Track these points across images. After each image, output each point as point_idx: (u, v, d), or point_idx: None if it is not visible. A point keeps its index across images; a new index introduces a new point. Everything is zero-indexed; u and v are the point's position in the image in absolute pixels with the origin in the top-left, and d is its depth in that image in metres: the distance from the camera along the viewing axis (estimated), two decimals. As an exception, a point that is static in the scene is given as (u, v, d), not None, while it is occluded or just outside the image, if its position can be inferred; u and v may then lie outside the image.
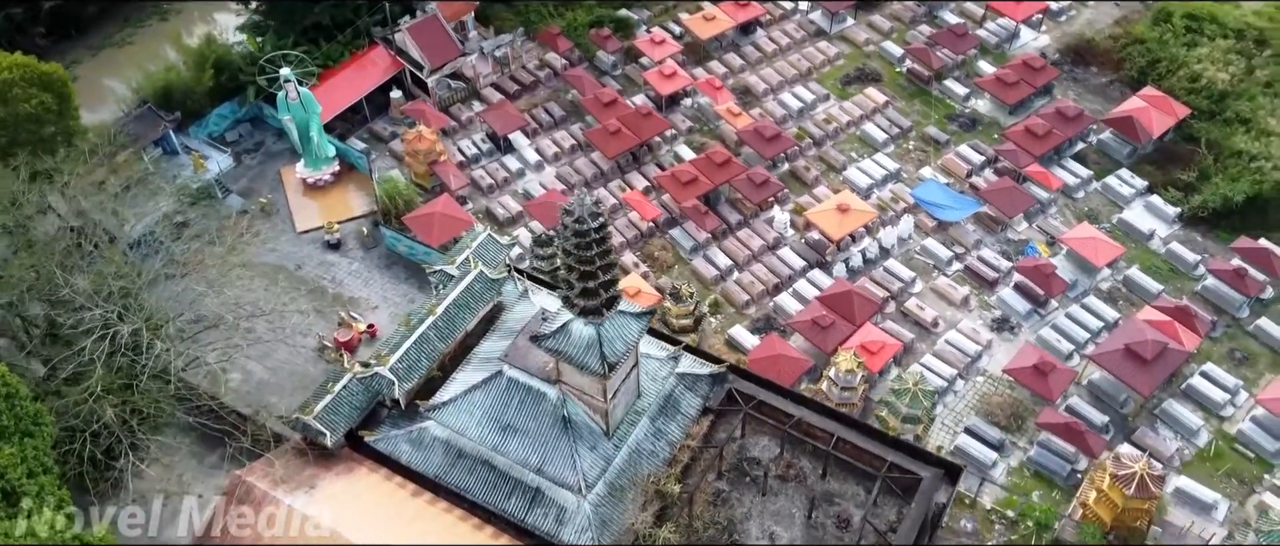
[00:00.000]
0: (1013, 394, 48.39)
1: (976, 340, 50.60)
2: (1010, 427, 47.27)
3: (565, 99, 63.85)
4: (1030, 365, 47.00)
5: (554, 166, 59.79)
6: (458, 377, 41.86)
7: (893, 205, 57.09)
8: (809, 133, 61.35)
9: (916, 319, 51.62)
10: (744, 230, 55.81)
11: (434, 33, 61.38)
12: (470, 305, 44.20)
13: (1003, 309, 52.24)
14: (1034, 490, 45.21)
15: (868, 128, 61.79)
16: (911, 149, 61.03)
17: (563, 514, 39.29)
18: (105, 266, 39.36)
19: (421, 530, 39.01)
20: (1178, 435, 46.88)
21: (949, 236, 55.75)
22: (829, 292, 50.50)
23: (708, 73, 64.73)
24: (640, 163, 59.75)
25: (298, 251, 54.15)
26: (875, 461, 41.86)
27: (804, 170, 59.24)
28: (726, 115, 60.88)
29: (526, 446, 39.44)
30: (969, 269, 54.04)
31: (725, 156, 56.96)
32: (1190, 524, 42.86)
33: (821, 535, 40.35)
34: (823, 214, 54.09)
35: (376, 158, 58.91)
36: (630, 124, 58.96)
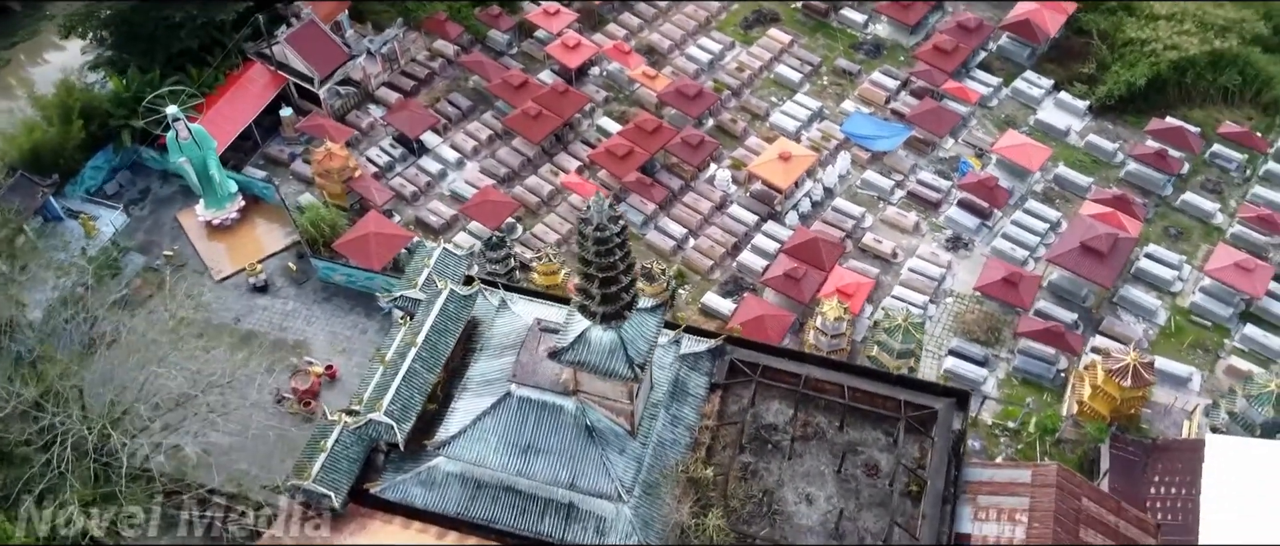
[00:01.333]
0: (983, 308, 50.34)
1: (938, 263, 52.25)
2: (989, 342, 49.25)
3: (467, 87, 61.22)
4: (999, 279, 48.93)
5: (476, 161, 57.37)
6: (459, 407, 39.92)
7: (825, 144, 57.83)
8: (725, 84, 61.13)
9: (876, 253, 52.74)
10: (689, 195, 55.35)
11: (317, 39, 57.32)
12: (448, 328, 41.95)
13: (953, 228, 54.06)
14: (1026, 397, 47.44)
15: (780, 70, 62.14)
16: (826, 85, 61.84)
17: (603, 524, 38.31)
18: (49, 367, 35.11)
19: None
20: (1139, 318, 50.09)
21: (885, 166, 57.04)
22: (793, 243, 50.84)
23: (609, 37, 63.42)
24: (566, 143, 58.11)
25: (225, 302, 50.05)
26: (887, 403, 42.74)
27: (731, 123, 59.11)
28: (642, 79, 59.84)
29: (553, 464, 38.08)
30: (912, 194, 55.55)
31: (655, 123, 56.07)
32: (1173, 400, 46.02)
33: (856, 486, 41.00)
34: (766, 165, 54.21)
35: (281, 184, 54.89)
36: (549, 104, 57.10)
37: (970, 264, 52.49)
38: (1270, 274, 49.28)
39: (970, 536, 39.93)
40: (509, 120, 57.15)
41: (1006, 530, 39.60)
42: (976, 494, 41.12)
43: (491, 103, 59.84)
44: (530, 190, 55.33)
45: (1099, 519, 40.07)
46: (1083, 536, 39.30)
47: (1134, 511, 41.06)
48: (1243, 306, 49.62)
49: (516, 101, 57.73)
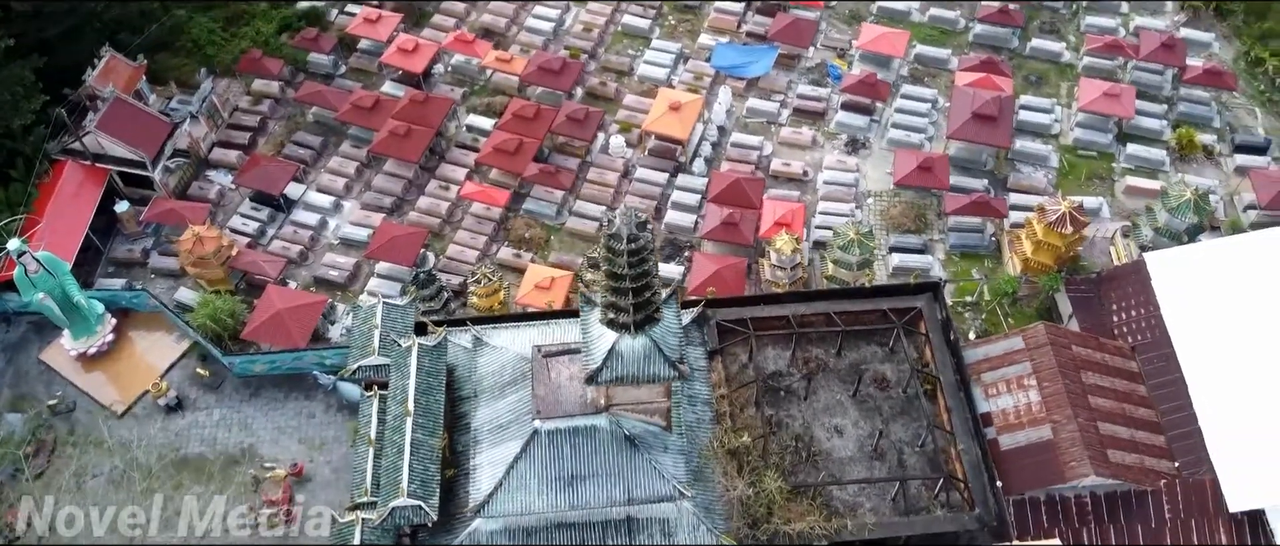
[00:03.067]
0: (903, 200, 52.68)
1: (847, 169, 54.00)
2: (920, 229, 51.73)
3: (308, 123, 56.43)
4: (914, 168, 51.24)
5: (353, 199, 53.29)
6: (480, 462, 37.74)
7: (699, 84, 57.86)
8: (579, 48, 59.62)
9: (789, 176, 53.82)
10: (591, 171, 54.02)
11: (132, 117, 50.89)
12: (433, 385, 39.29)
13: (846, 131, 55.89)
14: (970, 270, 50.43)
15: (626, 20, 61.27)
16: (676, 25, 61.65)
17: (667, 525, 37.68)
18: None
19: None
20: (1035, 167, 54.11)
21: (763, 90, 57.89)
22: (717, 190, 50.83)
23: (439, 31, 60.11)
24: (442, 153, 54.96)
25: (142, 436, 44.35)
26: (873, 316, 44.32)
27: (601, 88, 57.89)
28: (496, 65, 57.30)
29: (603, 485, 36.82)
30: (798, 111, 56.82)
31: (533, 108, 53.99)
32: (1093, 233, 50.26)
33: (874, 403, 42.43)
34: (660, 120, 53.63)
35: (148, 287, 48.81)
36: (414, 117, 53.64)
37: (875, 161, 54.66)
38: (1134, 94, 54.47)
39: (990, 414, 42.48)
40: (377, 146, 53.27)
41: (1021, 398, 42.38)
42: (979, 373, 43.63)
43: (344, 132, 55.53)
44: (427, 213, 52.15)
45: (1090, 360, 43.64)
46: (1084, 379, 42.74)
47: (1110, 342, 44.99)
48: (1117, 130, 54.66)
49: (374, 124, 53.88)
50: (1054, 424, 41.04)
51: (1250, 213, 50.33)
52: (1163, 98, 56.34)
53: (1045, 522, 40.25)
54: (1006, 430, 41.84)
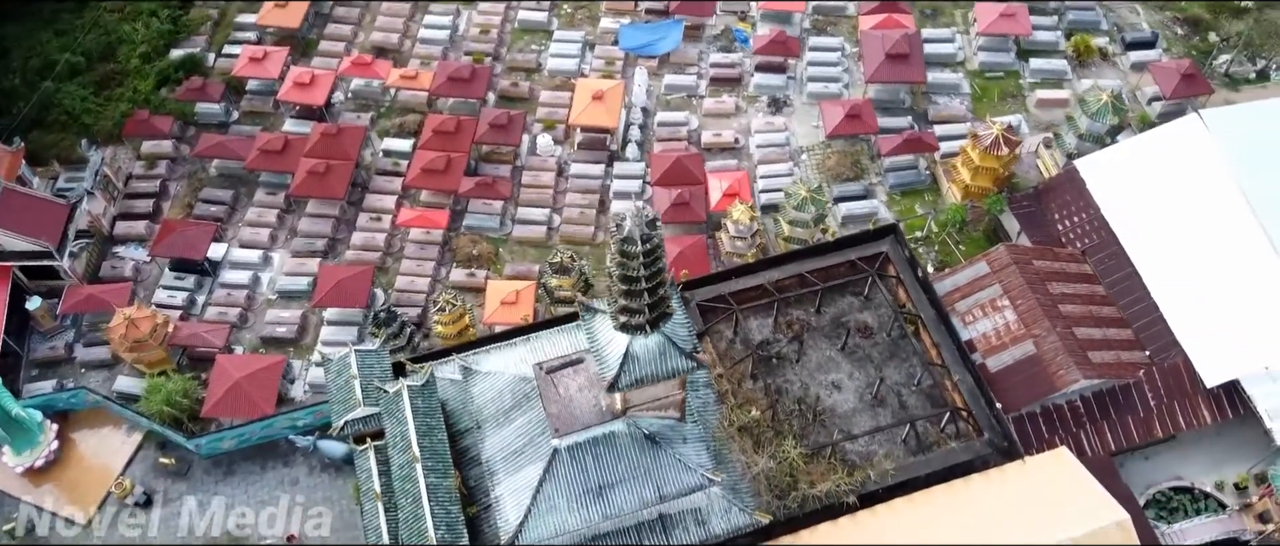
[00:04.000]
0: (835, 149, 53.80)
1: (773, 129, 54.72)
2: (858, 175, 52.97)
3: (212, 177, 53.35)
4: (844, 117, 52.35)
5: (281, 249, 50.80)
6: (502, 494, 36.72)
7: (612, 69, 57.43)
8: (481, 53, 58.19)
9: (722, 146, 54.17)
10: (525, 175, 53.02)
11: (26, 206, 47.07)
12: (433, 424, 37.98)
13: (765, 93, 56.57)
14: (914, 203, 52.05)
15: (522, 16, 60.14)
16: (572, 12, 60.90)
17: (700, 514, 37.75)
18: None
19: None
20: (951, 96, 56.06)
21: (676, 64, 57.91)
22: (660, 172, 50.68)
23: (329, 57, 57.67)
24: (365, 184, 52.89)
25: (120, 540, 41.40)
26: (842, 269, 45.24)
27: (513, 88, 56.76)
28: (402, 83, 55.40)
29: (633, 489, 36.42)
30: (715, 80, 57.14)
31: (452, 121, 52.52)
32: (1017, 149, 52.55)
33: (864, 352, 43.42)
34: (585, 112, 53.01)
35: (82, 382, 45.46)
36: (329, 151, 51.42)
37: (800, 116, 55.58)
38: (1026, 11, 56.98)
39: (972, 341, 44.11)
40: (297, 188, 50.82)
41: (998, 320, 44.17)
42: (953, 304, 45.23)
43: (255, 181, 52.77)
44: (364, 248, 50.21)
45: (1051, 271, 45.81)
46: (1051, 290, 44.83)
47: (1063, 251, 47.35)
48: (1016, 48, 57.17)
49: (287, 166, 51.42)
50: (1035, 338, 42.97)
51: (1156, 104, 53.58)
52: (1052, 10, 59.17)
53: (1045, 433, 42.26)
54: (991, 353, 43.58)
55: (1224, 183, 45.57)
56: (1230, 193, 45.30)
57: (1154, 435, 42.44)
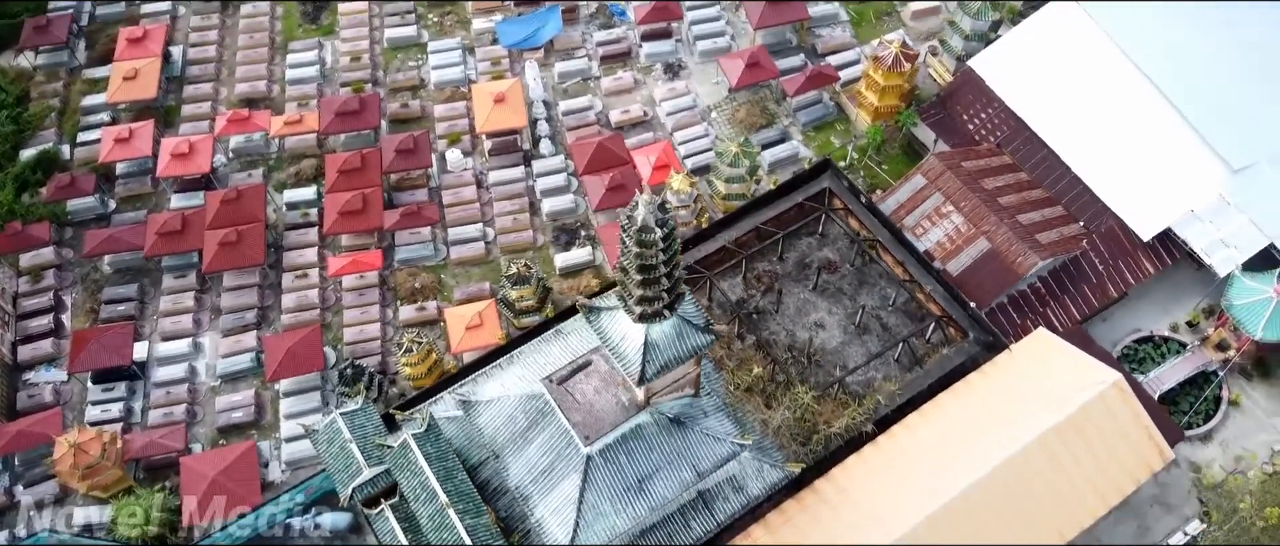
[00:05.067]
0: (741, 100, 54.82)
1: (677, 95, 55.19)
2: (770, 120, 54.21)
3: (110, 276, 49.61)
4: (744, 68, 53.33)
5: (212, 331, 47.86)
6: (543, 515, 36.17)
7: (498, 68, 56.47)
8: (359, 81, 56.03)
9: (633, 122, 54.26)
10: (444, 195, 51.61)
11: (-86, 352, 42.43)
12: (451, 465, 36.96)
13: (657, 61, 56.94)
14: (829, 135, 53.76)
15: (390, 35, 58.18)
16: (439, 20, 59.34)
17: (735, 481, 38.41)
18: None
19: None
20: (833, 26, 57.97)
21: (563, 50, 57.47)
22: (584, 160, 50.33)
23: (195, 121, 54.33)
24: (278, 243, 50.26)
25: None
26: (791, 213, 46.49)
27: (404, 110, 55.01)
28: (288, 130, 52.76)
29: (671, 475, 36.63)
30: (605, 58, 57.04)
31: (356, 157, 50.44)
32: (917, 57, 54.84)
33: (836, 287, 44.86)
34: (492, 117, 51.95)
35: (36, 523, 41.76)
36: (234, 217, 48.63)
37: (698, 76, 56.28)
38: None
39: (929, 251, 46.22)
40: (210, 265, 47.82)
41: (947, 226, 46.46)
42: (901, 220, 47.21)
43: (158, 267, 49.37)
44: (300, 309, 47.91)
45: (980, 168, 48.42)
46: (985, 186, 47.43)
47: (982, 147, 50.10)
48: (879, -33, 59.83)
49: (191, 244, 48.44)
50: (986, 234, 45.44)
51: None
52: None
53: (1016, 319, 44.93)
54: (949, 257, 45.82)
55: (1111, 53, 49.10)
56: (1119, 61, 48.87)
57: (1109, 297, 45.79)
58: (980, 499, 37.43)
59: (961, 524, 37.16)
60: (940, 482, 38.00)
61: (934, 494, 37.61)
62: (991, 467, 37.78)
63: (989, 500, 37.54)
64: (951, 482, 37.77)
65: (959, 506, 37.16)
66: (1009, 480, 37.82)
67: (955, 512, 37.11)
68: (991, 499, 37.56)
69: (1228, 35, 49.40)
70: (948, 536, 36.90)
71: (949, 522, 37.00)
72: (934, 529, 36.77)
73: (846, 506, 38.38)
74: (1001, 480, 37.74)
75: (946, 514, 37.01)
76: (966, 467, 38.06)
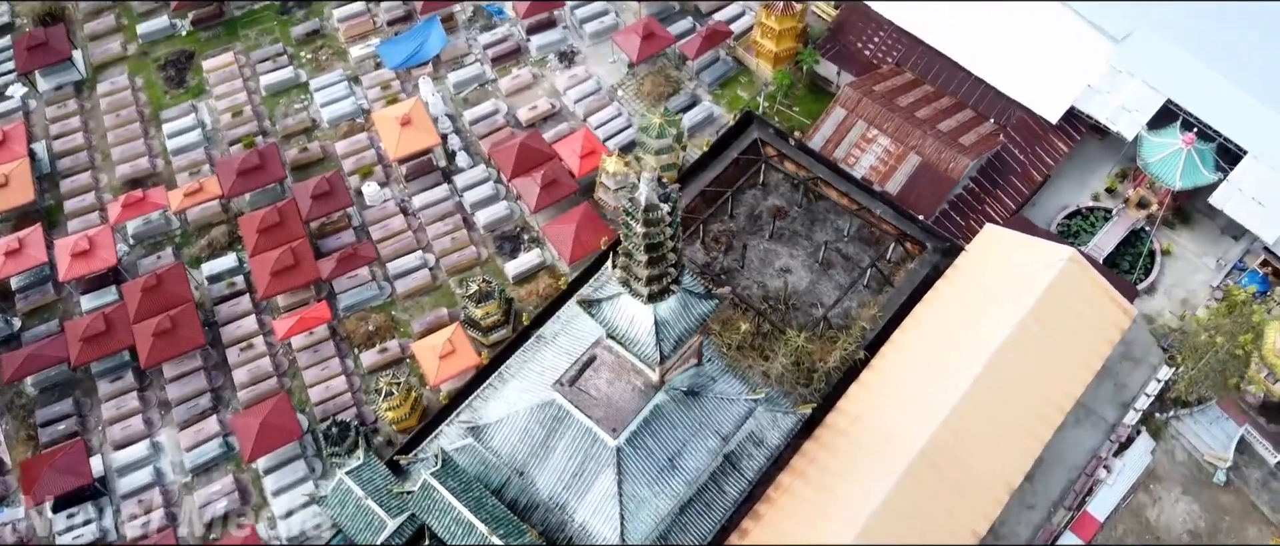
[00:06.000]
0: (643, 73, 55.43)
1: (579, 81, 55.33)
2: (676, 87, 55.00)
3: (37, 397, 46.34)
4: (642, 39, 53.92)
5: (167, 427, 45.35)
6: (585, 517, 36.29)
7: (390, 91, 55.21)
8: (249, 136, 53.77)
9: (544, 116, 54.08)
10: (373, 230, 50.29)
11: None
12: (481, 496, 36.60)
13: (549, 51, 56.84)
14: (735, 90, 55.06)
15: (265, 81, 55.92)
16: (311, 57, 57.38)
17: (756, 435, 39.44)
18: None
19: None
20: (709, -17, 59.43)
21: (452, 60, 56.65)
22: (513, 164, 49.83)
23: (82, 214, 51.15)
24: (211, 320, 47.98)
25: None
26: (729, 172, 47.59)
27: (303, 154, 53.17)
28: (190, 201, 50.24)
29: (700, 444, 37.20)
30: (497, 60, 56.55)
31: (273, 213, 48.54)
32: (794, 2, 56.82)
33: (790, 232, 46.31)
34: (403, 141, 50.78)
35: None
36: (161, 304, 46.19)
37: (595, 58, 56.56)
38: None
39: (865, 177, 48.19)
40: (149, 358, 45.27)
41: (877, 149, 48.60)
42: (831, 154, 49.01)
43: (90, 375, 46.42)
44: (256, 382, 45.99)
45: (890, 89, 50.74)
46: (900, 104, 49.71)
47: (885, 70, 52.37)
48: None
49: (121, 342, 45.79)
50: (914, 148, 47.74)
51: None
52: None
53: (961, 222, 47.47)
54: (886, 179, 47.93)
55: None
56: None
57: (1035, 182, 48.88)
58: (982, 395, 39.58)
59: (971, 422, 39.21)
60: (941, 390, 39.92)
61: (939, 402, 39.50)
62: (984, 364, 39.99)
63: (990, 394, 39.73)
64: (952, 387, 39.77)
65: (965, 408, 39.19)
66: (1002, 371, 40.12)
67: (963, 414, 39.11)
68: (992, 392, 39.77)
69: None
70: (963, 437, 38.91)
71: (960, 425, 38.99)
72: (948, 434, 38.69)
73: (862, 433, 39.93)
74: (995, 373, 40.00)
75: (956, 417, 39.00)
76: (961, 370, 40.13)
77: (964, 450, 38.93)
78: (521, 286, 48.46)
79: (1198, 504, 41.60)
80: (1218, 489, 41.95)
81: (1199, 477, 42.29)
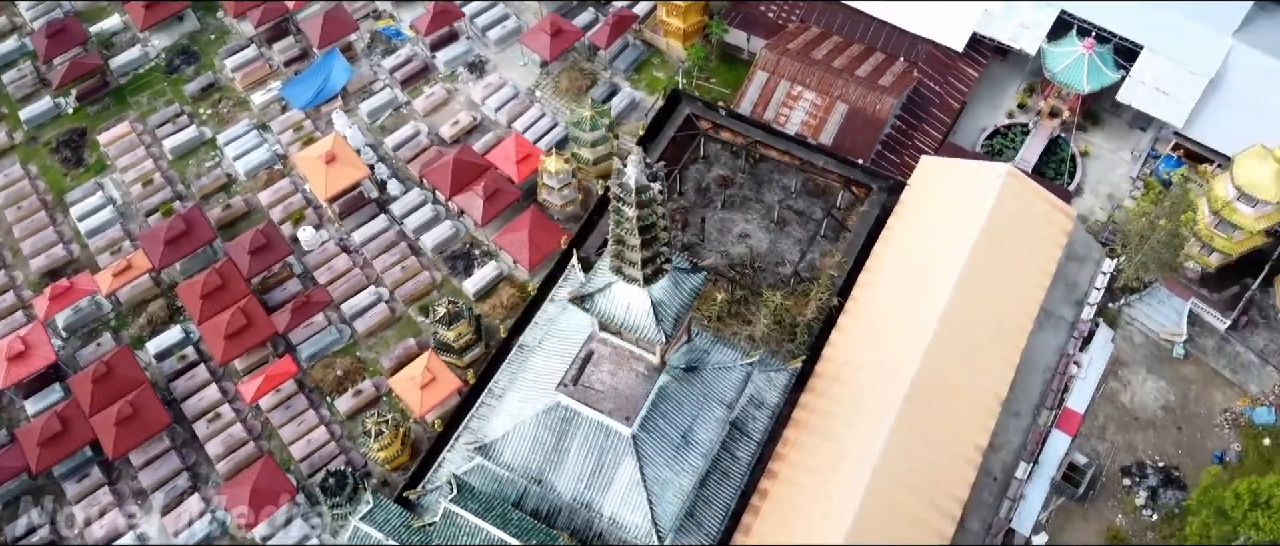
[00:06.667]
0: (557, 70, 55.62)
1: (494, 89, 55.13)
2: (592, 81, 55.31)
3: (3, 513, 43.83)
4: (551, 37, 54.06)
5: (147, 515, 43.41)
6: (614, 510, 36.66)
7: (304, 131, 53.94)
8: (166, 205, 51.74)
9: (468, 130, 53.65)
10: (319, 274, 49.19)
11: None
12: (503, 514, 36.62)
13: (456, 64, 56.45)
14: (650, 72, 55.82)
15: (168, 145, 53.85)
16: (212, 110, 55.53)
17: (755, 399, 40.47)
18: None
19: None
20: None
21: (361, 90, 55.67)
22: (451, 182, 49.33)
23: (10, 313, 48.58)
24: (167, 394, 46.21)
25: None
26: (671, 149, 48.48)
27: (227, 211, 51.53)
28: (119, 282, 48.15)
29: (709, 416, 37.77)
30: (406, 81, 55.83)
31: (215, 278, 46.91)
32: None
33: (740, 198, 47.51)
34: (331, 179, 49.71)
35: None
36: (118, 389, 44.29)
37: (505, 63, 56.43)
38: None
39: (799, 132, 49.66)
40: (117, 449, 43.33)
41: (804, 105, 50.24)
42: (761, 116, 50.31)
43: (52, 479, 44.12)
44: (233, 451, 44.54)
45: (802, 46, 52.31)
46: (814, 57, 51.34)
47: (795, 28, 53.90)
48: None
49: (81, 439, 43.83)
50: (840, 97, 49.48)
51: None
52: None
53: (897, 159, 49.40)
54: (818, 131, 49.52)
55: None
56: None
57: (954, 110, 51.21)
58: (956, 318, 41.54)
59: (951, 346, 41.09)
60: (917, 321, 41.69)
61: (918, 333, 41.24)
62: (952, 287, 41.96)
63: (962, 316, 41.73)
64: (927, 317, 41.59)
65: (943, 333, 41.06)
66: (969, 291, 42.16)
67: (942, 340, 40.96)
68: (964, 313, 41.78)
69: None
70: (947, 362, 40.74)
71: (942, 351, 40.83)
72: (933, 361, 40.49)
73: (853, 376, 41.38)
74: (964, 295, 42.01)
75: (937, 344, 40.82)
76: (932, 299, 42.00)
77: (951, 373, 40.82)
78: (484, 302, 48.23)
79: (1164, 380, 44.57)
80: (1178, 362, 45.02)
81: (1160, 356, 45.29)
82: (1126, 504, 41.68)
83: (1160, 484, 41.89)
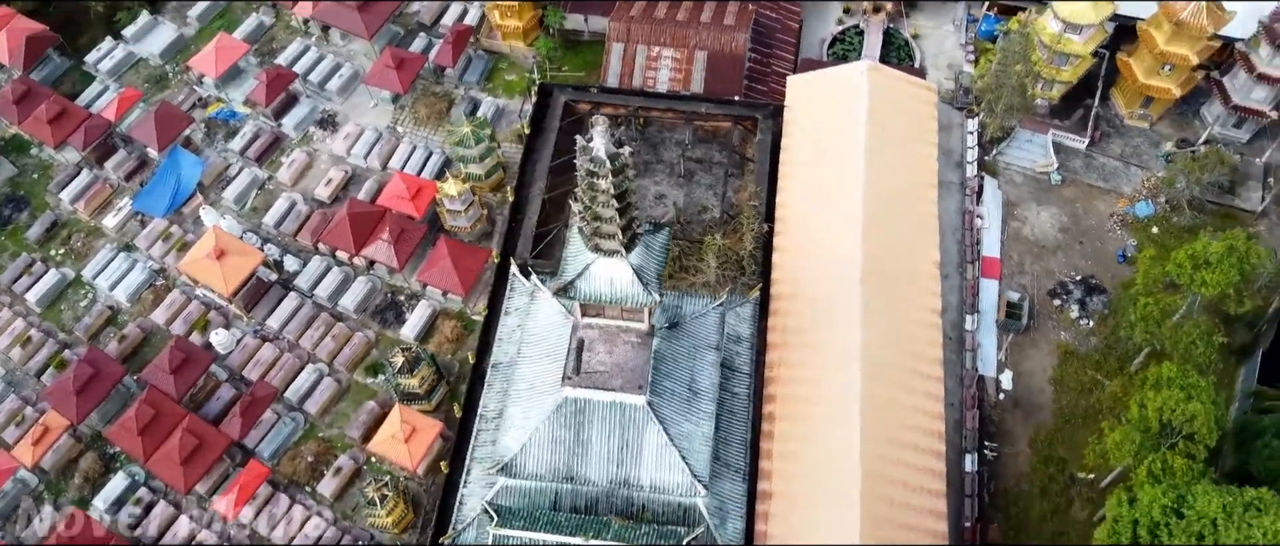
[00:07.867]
0: (411, 101, 55.45)
1: (360, 131, 54.28)
2: (450, 102, 55.44)
3: None
4: (396, 71, 53.76)
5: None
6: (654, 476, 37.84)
7: (175, 235, 51.42)
8: (55, 357, 48.22)
9: (344, 184, 52.66)
10: (247, 372, 47.35)
11: None
12: (550, 520, 37.23)
13: (306, 124, 55.20)
14: (503, 76, 56.63)
15: (30, 296, 50.10)
16: (75, 246, 51.97)
17: (733, 333, 42.46)
18: None
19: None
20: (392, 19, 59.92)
21: (218, 178, 53.52)
22: (353, 239, 48.56)
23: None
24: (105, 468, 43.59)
25: None
26: (564, 141, 49.61)
27: (124, 340, 48.57)
28: (38, 450, 44.70)
29: (704, 362, 39.65)
30: (261, 154, 54.08)
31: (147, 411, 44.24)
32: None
33: (642, 164, 49.41)
34: (227, 273, 47.66)
35: None
36: None
37: (356, 110, 55.68)
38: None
39: (669, 89, 52.02)
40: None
41: (666, 63, 53.00)
42: (631, 82, 52.26)
43: None
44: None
45: (644, 9, 54.51)
46: (657, 16, 53.77)
47: (628, -4, 56.07)
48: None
49: None
50: (696, 47, 52.19)
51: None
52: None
53: (765, 88, 52.58)
54: (687, 82, 52.13)
55: None
56: None
57: (794, 31, 54.85)
58: (877, 205, 45.09)
59: (881, 235, 44.57)
60: (844, 224, 44.86)
61: (849, 233, 44.48)
62: (863, 179, 45.48)
63: (881, 200, 45.32)
64: (852, 210, 44.93)
65: (870, 227, 44.58)
66: (879, 177, 45.82)
67: (872, 232, 44.35)
68: (882, 198, 45.39)
69: None
70: (883, 247, 44.26)
71: (875, 239, 44.22)
72: (871, 246, 43.86)
73: (808, 290, 44.21)
74: (875, 182, 45.65)
75: (870, 237, 44.14)
76: (851, 194, 45.36)
77: (889, 253, 44.45)
78: (428, 341, 48.02)
79: (1053, 206, 50.04)
80: (1059, 188, 50.63)
81: (1042, 187, 50.76)
82: (1064, 320, 46.78)
83: (1084, 294, 47.25)
